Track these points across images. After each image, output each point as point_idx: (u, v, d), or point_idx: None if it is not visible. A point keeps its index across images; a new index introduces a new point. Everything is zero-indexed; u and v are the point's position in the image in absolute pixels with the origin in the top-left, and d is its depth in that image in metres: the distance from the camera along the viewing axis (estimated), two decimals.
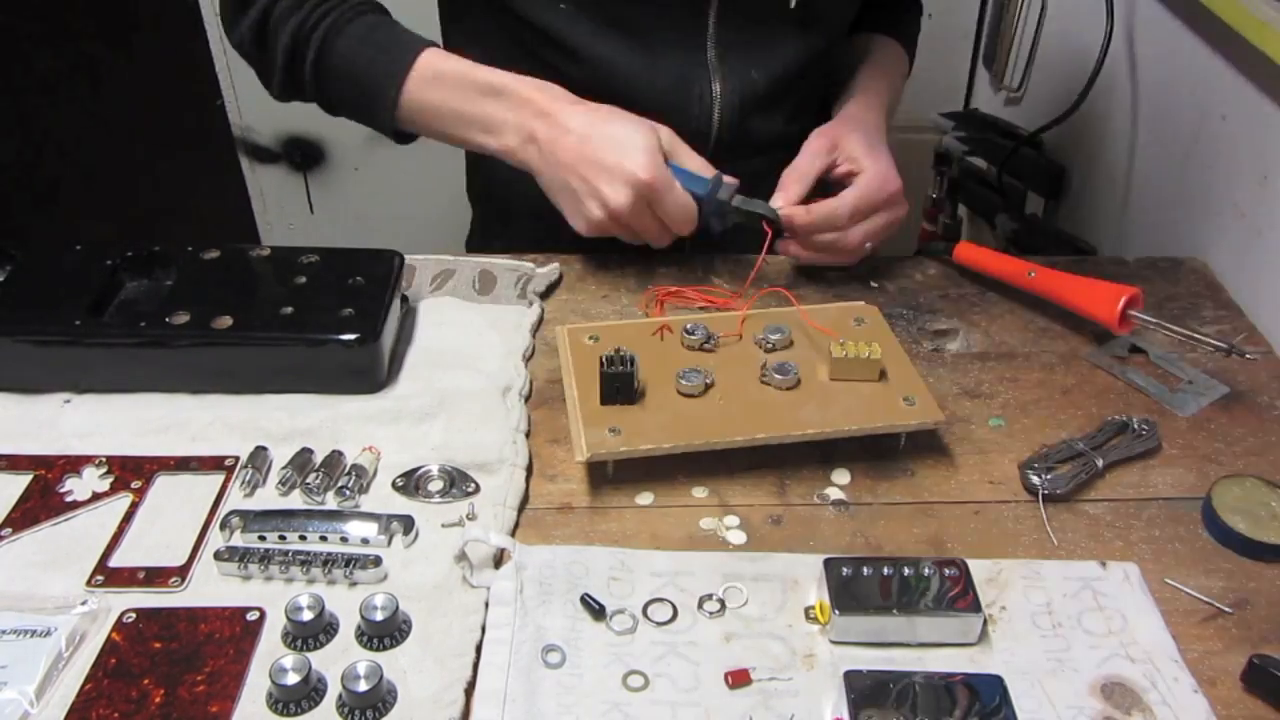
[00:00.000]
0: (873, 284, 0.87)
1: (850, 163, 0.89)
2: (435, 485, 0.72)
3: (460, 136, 0.87)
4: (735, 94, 0.92)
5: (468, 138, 0.87)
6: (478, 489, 0.72)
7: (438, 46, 0.88)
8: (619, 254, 0.95)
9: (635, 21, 0.89)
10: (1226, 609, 0.65)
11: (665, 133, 0.83)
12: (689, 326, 0.80)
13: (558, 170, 0.82)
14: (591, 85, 0.87)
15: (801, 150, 0.89)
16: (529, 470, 0.74)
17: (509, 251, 0.95)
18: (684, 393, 0.75)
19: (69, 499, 0.71)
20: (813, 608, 0.64)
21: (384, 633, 0.61)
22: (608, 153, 0.80)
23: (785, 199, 0.87)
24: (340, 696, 0.58)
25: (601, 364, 0.73)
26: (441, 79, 0.85)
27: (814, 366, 0.77)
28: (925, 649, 0.62)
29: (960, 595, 0.62)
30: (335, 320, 0.77)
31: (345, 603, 0.64)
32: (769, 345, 0.79)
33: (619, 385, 0.73)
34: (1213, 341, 0.80)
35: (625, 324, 0.82)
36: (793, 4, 0.90)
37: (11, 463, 0.73)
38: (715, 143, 0.94)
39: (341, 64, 0.87)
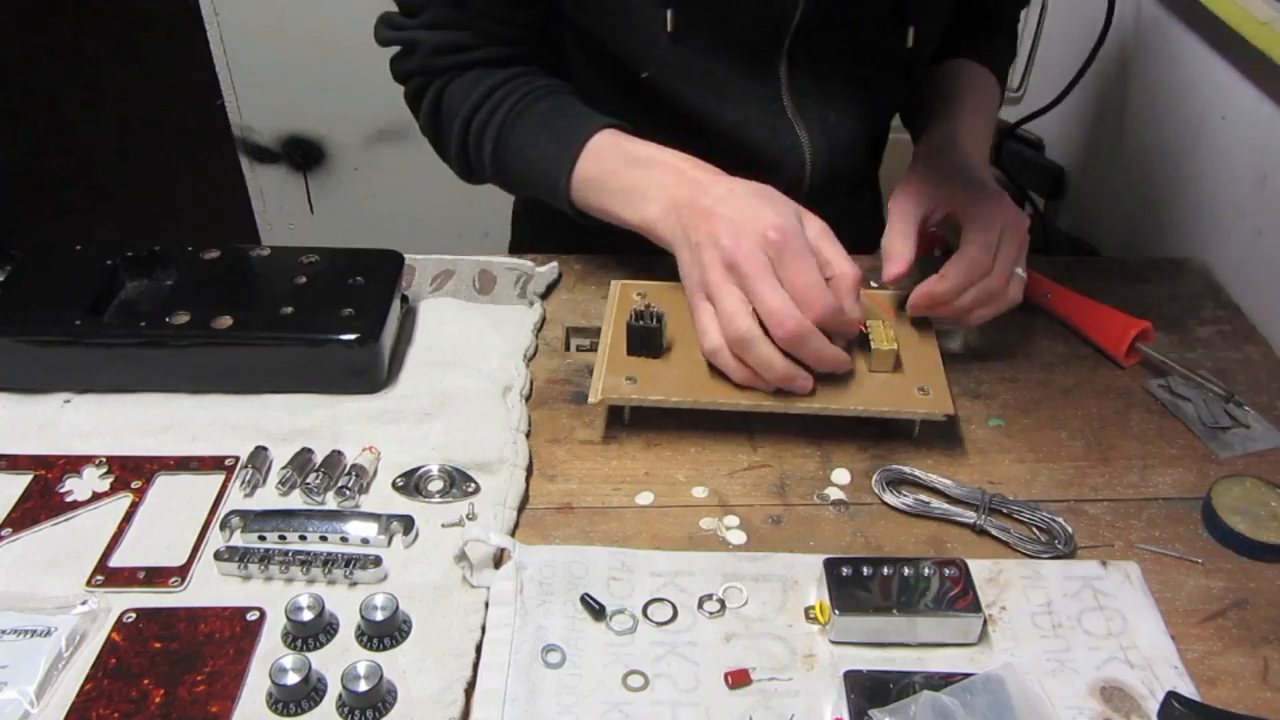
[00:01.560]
0: (872, 284, 0.87)
1: (944, 204, 0.83)
2: (435, 485, 0.72)
3: (614, 211, 0.82)
4: (821, 139, 0.90)
5: (620, 212, 0.81)
6: (478, 489, 0.72)
7: (615, 126, 0.84)
8: (619, 254, 0.95)
9: (717, 77, 0.86)
10: (1227, 609, 0.65)
11: (815, 223, 0.75)
12: None
13: (689, 230, 0.75)
14: (692, 144, 0.82)
15: (888, 221, 0.82)
16: (529, 470, 0.74)
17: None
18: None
19: (69, 499, 0.71)
20: (813, 608, 0.64)
21: (384, 633, 0.61)
22: (739, 210, 0.73)
23: (894, 269, 0.80)
24: (340, 696, 0.58)
25: (631, 316, 0.76)
26: (601, 154, 0.82)
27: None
28: (925, 649, 0.62)
29: (960, 595, 0.62)
30: (335, 320, 0.77)
31: (345, 603, 0.64)
32: None
33: (642, 338, 0.77)
34: (1215, 386, 0.79)
35: (675, 285, 0.81)
36: (909, 40, 0.87)
37: (11, 462, 0.73)
38: (809, 188, 0.91)
39: (518, 157, 0.87)
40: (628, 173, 0.81)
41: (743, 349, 0.72)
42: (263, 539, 0.68)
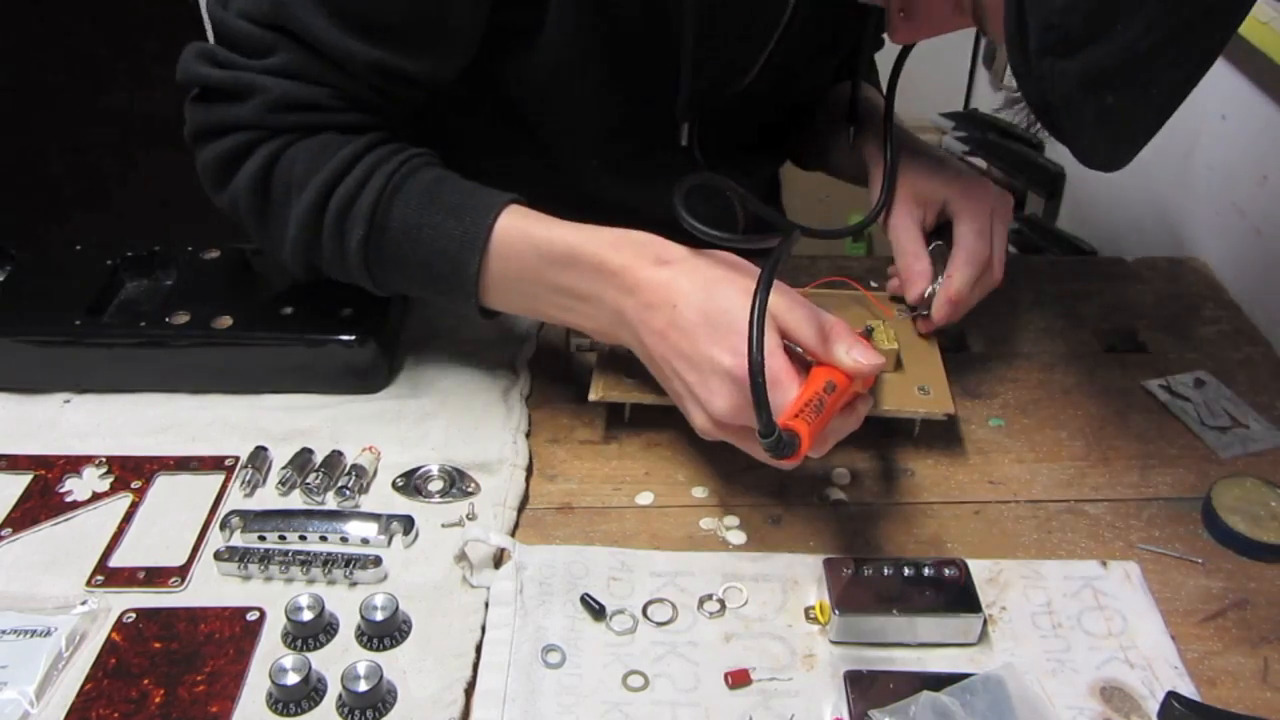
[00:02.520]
0: (873, 284, 0.87)
1: (935, 204, 0.81)
2: (435, 485, 0.72)
3: (547, 316, 0.72)
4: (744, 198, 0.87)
5: (555, 317, 0.71)
6: (478, 489, 0.72)
7: (518, 202, 0.70)
8: None
9: (635, 166, 0.85)
10: (1227, 609, 0.65)
11: (785, 302, 0.62)
12: None
13: (654, 366, 0.66)
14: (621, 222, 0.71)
15: (894, 242, 0.81)
16: (529, 470, 0.74)
17: None
18: None
19: (69, 499, 0.70)
20: (813, 608, 0.64)
21: (384, 633, 0.61)
22: (700, 341, 0.62)
23: (918, 287, 0.79)
24: (340, 696, 0.58)
25: None
26: (511, 248, 0.69)
27: None
28: (925, 649, 0.62)
29: (960, 595, 0.62)
30: (335, 320, 0.77)
31: (345, 603, 0.64)
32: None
33: None
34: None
35: None
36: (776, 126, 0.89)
37: (11, 463, 0.73)
38: (744, 229, 0.87)
39: (404, 240, 0.70)
40: (552, 272, 0.68)
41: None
42: (263, 539, 0.68)
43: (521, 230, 0.68)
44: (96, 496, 0.71)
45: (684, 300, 0.63)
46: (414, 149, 0.73)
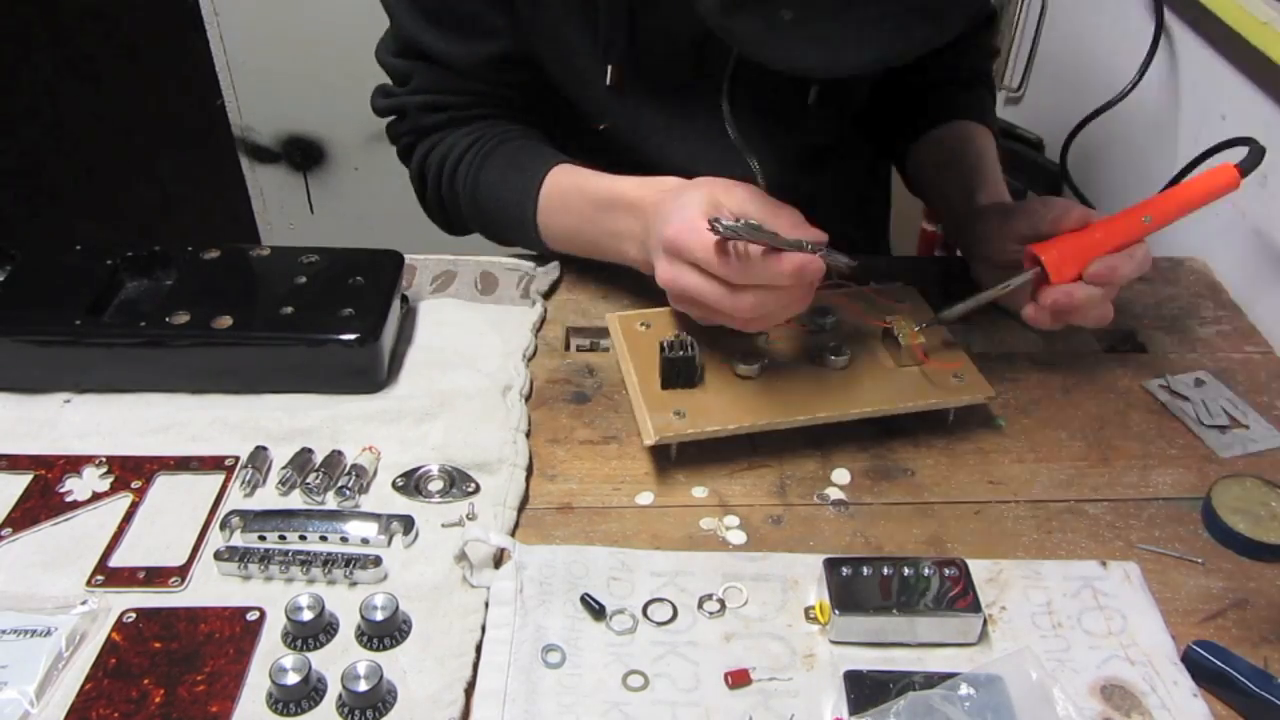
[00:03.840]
0: (873, 283, 0.87)
1: (1014, 238, 0.82)
2: (435, 485, 0.72)
3: (600, 256, 0.87)
4: (774, 162, 0.91)
5: (606, 257, 0.86)
6: (478, 489, 0.72)
7: (564, 162, 0.87)
8: None
9: (662, 123, 0.91)
10: (1227, 609, 0.65)
11: (739, 193, 0.72)
12: None
13: (654, 257, 0.76)
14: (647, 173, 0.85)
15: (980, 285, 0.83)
16: (529, 470, 0.74)
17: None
18: (742, 375, 0.76)
19: (69, 499, 0.71)
20: (813, 608, 0.64)
21: (384, 633, 0.61)
22: (656, 224, 0.74)
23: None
24: (340, 696, 0.58)
25: (662, 349, 0.75)
26: (564, 201, 0.86)
27: (864, 347, 0.79)
28: (925, 649, 0.62)
29: (960, 595, 0.62)
30: (335, 320, 0.77)
31: (345, 603, 0.64)
32: (818, 328, 0.81)
33: (679, 370, 0.75)
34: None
35: (668, 308, 0.80)
36: (811, 99, 0.91)
37: (11, 462, 0.73)
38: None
39: (489, 196, 0.90)
40: (596, 219, 0.84)
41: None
42: (263, 539, 0.68)
43: (563, 183, 0.86)
44: (96, 496, 0.71)
45: (663, 202, 0.75)
46: (511, 125, 0.92)
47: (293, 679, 0.57)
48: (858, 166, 1.10)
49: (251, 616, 0.63)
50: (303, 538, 0.68)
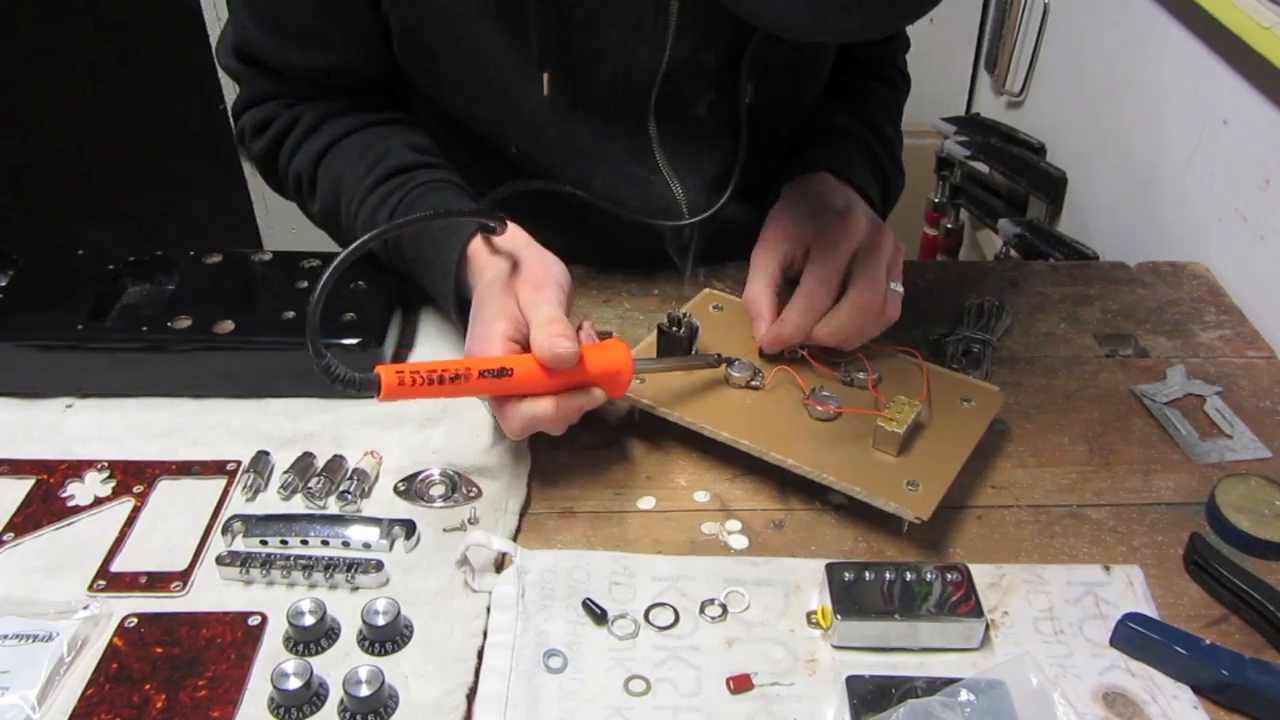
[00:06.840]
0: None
1: (799, 244, 0.79)
2: (437, 490, 0.72)
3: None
4: (698, 192, 0.88)
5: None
6: (479, 493, 0.72)
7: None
8: (620, 259, 0.95)
9: (587, 143, 0.85)
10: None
11: (544, 309, 0.69)
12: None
13: None
14: (570, 208, 0.84)
15: (750, 276, 0.80)
16: (531, 475, 0.74)
17: None
18: (732, 381, 0.76)
19: (71, 504, 0.71)
20: (815, 613, 0.64)
21: (385, 638, 0.61)
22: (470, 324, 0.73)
23: (762, 326, 0.77)
24: (342, 701, 0.58)
25: (664, 321, 0.75)
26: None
27: (856, 408, 0.74)
28: (927, 654, 0.62)
29: (962, 600, 0.62)
30: (337, 325, 0.78)
31: (347, 607, 0.64)
32: (849, 379, 0.77)
33: (665, 345, 0.76)
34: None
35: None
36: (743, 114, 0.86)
37: (13, 467, 0.73)
38: (696, 238, 0.89)
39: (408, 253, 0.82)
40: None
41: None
42: (264, 544, 0.68)
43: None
44: (98, 501, 0.71)
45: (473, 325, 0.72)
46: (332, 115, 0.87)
47: (294, 684, 0.57)
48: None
49: (253, 621, 0.63)
50: (304, 542, 0.68)
